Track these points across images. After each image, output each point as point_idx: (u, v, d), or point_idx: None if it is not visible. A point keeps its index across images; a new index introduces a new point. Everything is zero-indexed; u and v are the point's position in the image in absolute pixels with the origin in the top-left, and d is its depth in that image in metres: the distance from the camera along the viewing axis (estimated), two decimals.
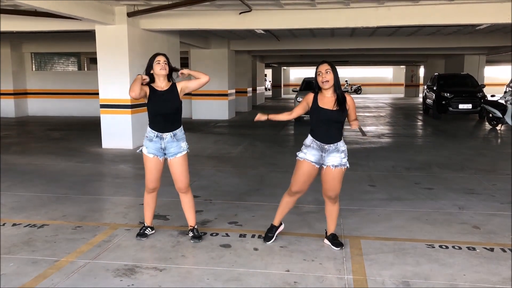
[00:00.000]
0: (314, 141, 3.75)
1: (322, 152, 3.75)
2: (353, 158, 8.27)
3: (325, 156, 3.76)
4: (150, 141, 4.00)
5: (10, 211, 5.07)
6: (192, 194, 4.21)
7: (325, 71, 3.66)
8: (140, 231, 4.24)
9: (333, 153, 3.75)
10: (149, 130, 4.02)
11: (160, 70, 3.95)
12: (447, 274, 3.44)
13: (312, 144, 3.76)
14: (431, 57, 24.87)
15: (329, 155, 3.75)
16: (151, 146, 4.00)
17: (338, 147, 3.77)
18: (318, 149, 3.75)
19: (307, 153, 3.76)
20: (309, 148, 3.77)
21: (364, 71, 39.10)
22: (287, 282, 3.32)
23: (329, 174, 3.78)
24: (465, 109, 14.56)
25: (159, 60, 3.96)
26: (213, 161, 8.04)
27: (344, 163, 3.80)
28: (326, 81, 3.65)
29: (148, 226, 4.28)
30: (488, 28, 12.54)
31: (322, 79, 3.66)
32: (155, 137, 3.98)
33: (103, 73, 9.36)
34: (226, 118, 15.73)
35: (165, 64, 3.96)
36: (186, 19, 9.55)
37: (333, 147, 3.75)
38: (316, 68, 3.76)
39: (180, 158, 4.01)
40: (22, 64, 16.72)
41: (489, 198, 5.59)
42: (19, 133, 12.11)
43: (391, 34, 14.61)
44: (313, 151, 3.75)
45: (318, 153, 3.75)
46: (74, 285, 3.27)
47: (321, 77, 3.67)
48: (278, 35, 14.46)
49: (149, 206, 4.25)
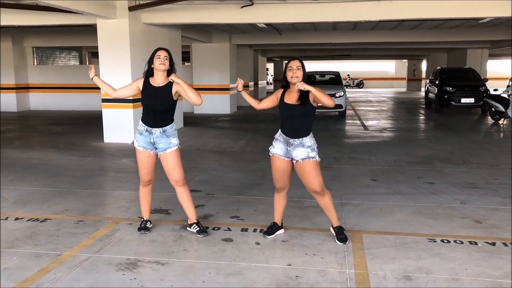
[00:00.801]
0: (281, 135, 3.87)
1: (287, 146, 3.82)
2: (355, 152, 8.29)
3: (290, 150, 3.82)
4: (140, 134, 4.03)
5: (13, 205, 5.09)
6: (188, 188, 4.21)
7: (296, 68, 3.74)
8: (141, 226, 4.25)
9: (298, 147, 3.80)
10: (140, 123, 4.06)
11: (159, 65, 3.93)
12: (448, 268, 3.44)
13: (279, 137, 3.88)
14: (434, 51, 24.78)
15: (294, 149, 3.80)
16: (141, 140, 4.03)
17: (304, 142, 3.79)
18: (284, 142, 3.84)
19: (275, 147, 3.88)
20: (277, 142, 3.88)
21: (366, 65, 39.01)
22: (288, 276, 3.33)
23: (300, 168, 3.84)
24: (467, 103, 14.52)
25: (160, 55, 3.95)
26: (214, 155, 8.05)
27: (312, 156, 3.79)
28: (296, 77, 3.71)
29: (148, 220, 4.29)
30: (491, 22, 12.47)
31: (292, 75, 3.73)
32: (144, 131, 4.01)
33: (105, 67, 9.35)
34: (228, 113, 15.71)
35: (165, 59, 3.94)
36: (188, 13, 9.52)
37: (298, 141, 3.79)
38: (286, 63, 3.85)
39: (170, 153, 4.02)
40: (24, 59, 16.71)
41: (491, 192, 5.58)
42: (21, 128, 12.13)
43: (393, 28, 14.55)
44: (280, 145, 3.86)
45: (284, 147, 3.84)
46: (77, 279, 3.28)
47: (291, 73, 3.74)
48: (279, 29, 14.41)
49: (145, 199, 4.27)
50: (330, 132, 11.13)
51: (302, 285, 3.20)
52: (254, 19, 9.65)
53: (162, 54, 3.95)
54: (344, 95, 14.07)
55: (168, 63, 3.97)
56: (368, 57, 32.88)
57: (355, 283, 3.22)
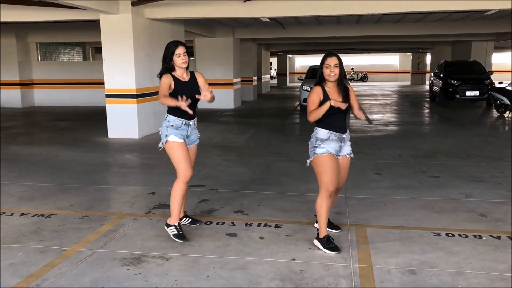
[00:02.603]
0: (332, 133, 3.67)
1: (341, 142, 3.73)
2: (359, 146, 8.26)
3: (343, 146, 3.77)
4: (177, 129, 3.87)
5: (18, 201, 5.12)
6: None
7: (334, 65, 3.62)
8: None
9: (347, 142, 3.80)
10: (175, 118, 3.87)
11: (182, 63, 3.84)
12: (453, 262, 3.43)
13: (330, 136, 3.66)
14: (438, 44, 24.62)
15: (345, 144, 3.78)
16: (179, 134, 3.88)
17: (348, 135, 3.83)
18: (337, 140, 3.70)
19: (327, 147, 3.65)
20: (328, 142, 3.65)
21: (370, 58, 38.81)
22: (292, 271, 3.33)
23: (345, 164, 3.82)
24: (472, 96, 14.43)
25: (179, 53, 3.82)
26: (218, 150, 8.05)
27: (351, 152, 3.86)
28: (334, 74, 3.64)
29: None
30: (495, 14, 12.36)
31: (329, 73, 3.63)
32: (183, 124, 3.89)
33: (108, 62, 9.36)
34: (232, 107, 15.70)
35: (185, 55, 3.85)
36: (191, 8, 9.50)
37: (347, 135, 3.80)
38: (323, 59, 3.69)
39: (195, 146, 4.11)
40: (28, 55, 16.74)
41: (496, 186, 5.56)
42: (26, 124, 12.18)
43: (397, 21, 14.46)
44: (333, 143, 3.67)
45: (337, 144, 3.71)
46: (82, 274, 3.30)
47: (329, 70, 3.62)
48: (283, 23, 14.35)
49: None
50: None
51: (306, 279, 3.20)
52: (258, 13, 9.61)
53: (181, 51, 3.83)
54: None
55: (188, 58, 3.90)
56: (372, 51, 32.73)
57: (359, 277, 3.21)
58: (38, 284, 3.15)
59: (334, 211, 4.57)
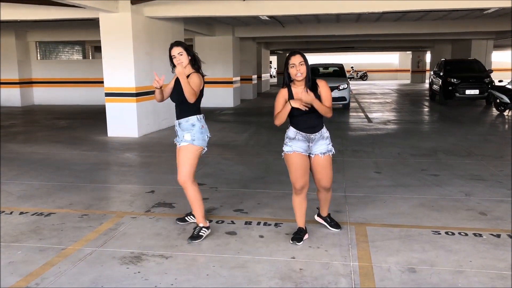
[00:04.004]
0: (299, 133, 3.67)
1: (309, 142, 3.69)
2: (359, 144, 8.26)
3: (312, 146, 3.71)
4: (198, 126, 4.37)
5: (18, 199, 5.11)
6: None
7: (299, 63, 3.54)
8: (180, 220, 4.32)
9: (319, 141, 3.71)
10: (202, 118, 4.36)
11: (177, 64, 3.84)
12: (453, 261, 3.43)
13: (297, 136, 3.68)
14: (438, 42, 24.61)
15: (316, 143, 3.70)
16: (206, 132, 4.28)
17: (322, 133, 3.74)
18: (304, 140, 3.68)
19: (293, 145, 3.67)
20: (295, 141, 3.68)
21: (370, 57, 38.79)
22: (292, 269, 3.33)
23: (317, 163, 3.74)
24: (472, 95, 14.43)
25: (174, 54, 3.85)
26: (218, 148, 8.04)
27: (330, 149, 3.77)
28: (300, 73, 3.54)
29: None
30: (495, 12, 12.35)
31: (296, 72, 3.55)
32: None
33: (108, 61, 9.34)
34: (231, 106, 15.69)
35: (180, 55, 3.84)
36: (190, 6, 9.49)
37: (318, 135, 3.71)
38: (286, 59, 3.61)
39: (179, 148, 4.12)
40: (27, 53, 16.72)
41: (496, 184, 5.55)
42: (25, 122, 12.16)
43: (397, 19, 14.45)
44: (299, 143, 3.67)
45: (305, 144, 3.69)
46: (81, 272, 3.29)
47: (295, 70, 3.54)
48: (283, 21, 14.34)
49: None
50: (334, 124, 11.09)
51: (306, 278, 3.20)
52: (257, 12, 9.60)
53: (175, 52, 3.84)
54: (347, 88, 14.02)
55: (186, 57, 3.87)
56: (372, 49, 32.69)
57: (359, 276, 3.21)
58: (38, 283, 3.14)
59: (334, 209, 4.56)
